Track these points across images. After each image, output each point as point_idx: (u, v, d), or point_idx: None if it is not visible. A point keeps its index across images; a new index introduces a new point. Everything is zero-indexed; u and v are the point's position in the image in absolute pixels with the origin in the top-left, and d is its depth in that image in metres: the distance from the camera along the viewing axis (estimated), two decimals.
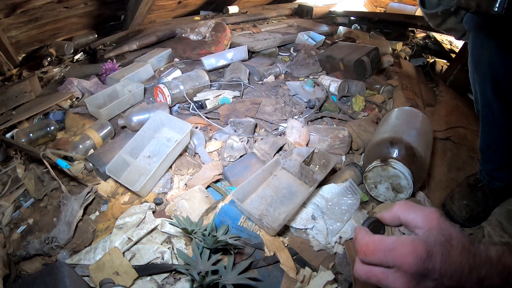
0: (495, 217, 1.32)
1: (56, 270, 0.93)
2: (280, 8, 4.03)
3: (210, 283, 0.91)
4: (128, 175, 1.38)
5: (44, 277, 0.91)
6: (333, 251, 1.14)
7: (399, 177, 1.24)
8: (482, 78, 1.14)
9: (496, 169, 1.31)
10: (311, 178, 1.27)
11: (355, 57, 2.13)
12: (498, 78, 1.08)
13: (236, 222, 1.15)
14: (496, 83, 1.09)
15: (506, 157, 1.26)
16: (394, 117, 1.51)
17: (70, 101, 1.99)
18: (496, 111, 1.16)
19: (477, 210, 1.32)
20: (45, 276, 0.91)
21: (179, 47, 2.53)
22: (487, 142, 1.28)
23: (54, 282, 0.88)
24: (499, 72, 1.07)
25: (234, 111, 1.74)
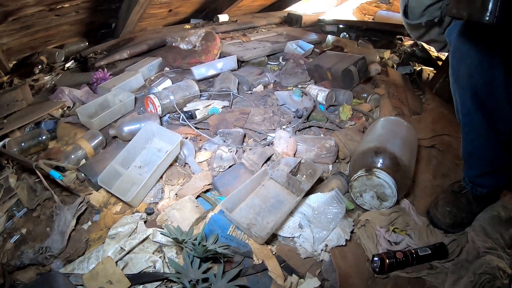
0: (479, 222, 1.35)
1: (51, 279, 0.96)
2: (270, 16, 4.06)
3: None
4: (119, 185, 1.40)
5: (40, 286, 0.94)
6: (320, 258, 1.18)
7: (383, 186, 1.28)
8: (461, 89, 1.17)
9: (479, 176, 1.34)
10: (298, 188, 1.31)
11: (343, 66, 2.17)
12: (477, 90, 1.11)
13: (225, 231, 1.19)
14: (475, 94, 1.12)
15: (487, 164, 1.29)
16: (379, 126, 1.55)
17: (62, 110, 2.00)
18: (476, 121, 1.18)
19: (461, 216, 1.35)
20: (41, 285, 0.94)
21: (170, 56, 2.56)
22: (469, 150, 1.30)
23: None
24: (477, 84, 1.10)
25: (223, 121, 1.77)
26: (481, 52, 1.06)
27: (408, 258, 1.19)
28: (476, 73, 1.09)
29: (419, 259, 1.20)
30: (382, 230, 1.30)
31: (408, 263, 1.19)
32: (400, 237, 1.31)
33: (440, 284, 1.18)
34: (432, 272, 1.22)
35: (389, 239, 1.29)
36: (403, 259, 1.18)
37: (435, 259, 1.24)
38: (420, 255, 1.20)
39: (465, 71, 1.12)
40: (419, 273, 1.21)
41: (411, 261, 1.19)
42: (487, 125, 1.17)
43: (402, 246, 1.28)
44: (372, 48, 3.04)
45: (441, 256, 1.24)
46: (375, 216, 1.34)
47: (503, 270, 1.14)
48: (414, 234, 1.32)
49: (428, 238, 1.31)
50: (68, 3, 2.46)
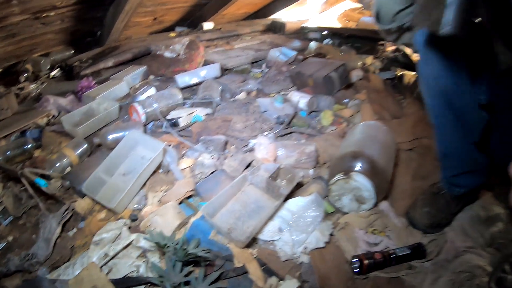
0: (458, 222, 1.37)
1: (37, 285, 0.99)
2: (254, 24, 4.11)
3: None
4: (104, 192, 1.44)
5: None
6: (299, 261, 1.21)
7: (361, 189, 1.32)
8: (430, 92, 1.20)
9: (455, 176, 1.36)
10: (277, 193, 1.35)
11: (324, 73, 2.21)
12: (445, 92, 1.15)
13: (207, 235, 1.23)
14: (443, 96, 1.16)
15: (462, 164, 1.31)
16: (358, 132, 1.60)
17: (47, 119, 2.02)
18: (447, 122, 1.21)
19: (439, 217, 1.37)
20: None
21: (154, 65, 2.60)
22: (443, 151, 1.33)
23: None
24: (444, 86, 1.14)
25: (206, 129, 1.81)
26: (446, 57, 1.10)
27: (386, 258, 1.21)
28: (442, 76, 1.13)
29: (397, 260, 1.22)
30: (361, 232, 1.33)
31: (386, 264, 1.21)
32: (379, 238, 1.33)
33: (419, 283, 1.19)
34: (411, 272, 1.23)
35: (368, 241, 1.31)
36: (382, 259, 1.20)
37: (414, 259, 1.25)
38: (398, 255, 1.22)
39: (432, 75, 1.16)
40: (398, 273, 1.22)
41: (389, 262, 1.21)
42: (457, 125, 1.20)
43: (381, 247, 1.30)
44: (354, 54, 3.09)
45: (420, 256, 1.26)
46: (354, 219, 1.37)
47: (482, 268, 1.16)
48: (393, 235, 1.35)
49: (407, 239, 1.33)
50: (54, 11, 2.48)
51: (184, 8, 3.59)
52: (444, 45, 1.08)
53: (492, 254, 1.23)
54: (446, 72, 1.11)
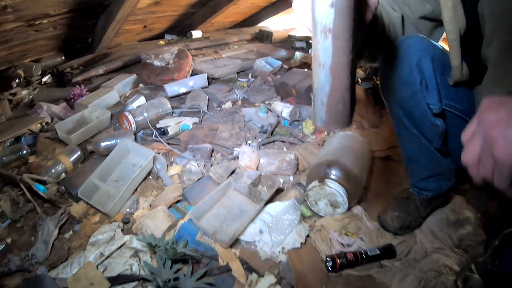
0: (427, 225, 1.46)
1: (40, 281, 1.08)
2: (242, 32, 4.19)
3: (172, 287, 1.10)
4: (98, 197, 1.53)
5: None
6: (278, 259, 1.31)
7: (335, 195, 1.42)
8: (390, 102, 1.28)
9: (421, 180, 1.41)
10: (258, 198, 1.46)
11: (307, 83, 2.33)
12: (403, 102, 1.22)
13: (194, 237, 1.34)
14: (401, 106, 1.23)
15: (427, 169, 1.37)
16: (335, 142, 1.70)
17: (40, 125, 2.09)
18: (407, 129, 1.27)
19: (408, 220, 1.45)
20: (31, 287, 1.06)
21: (144, 73, 2.68)
22: (407, 157, 1.41)
23: None
24: (402, 97, 1.21)
25: (193, 137, 1.91)
26: (401, 71, 1.17)
27: (358, 258, 1.30)
28: (399, 88, 1.20)
29: (368, 259, 1.31)
30: (336, 234, 1.43)
31: (358, 263, 1.30)
32: (352, 240, 1.42)
33: (389, 281, 1.26)
34: (382, 270, 1.31)
35: (342, 242, 1.41)
36: (353, 259, 1.29)
37: (384, 258, 1.33)
38: (369, 255, 1.31)
39: (390, 87, 1.24)
40: (369, 271, 1.29)
41: (361, 261, 1.30)
42: (416, 133, 1.26)
43: (354, 248, 1.39)
44: None
45: (390, 255, 1.33)
46: (329, 222, 1.46)
47: (449, 267, 1.25)
48: (365, 237, 1.44)
49: (378, 240, 1.42)
50: (47, 19, 2.54)
51: (174, 17, 3.67)
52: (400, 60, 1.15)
53: (459, 255, 1.32)
54: (402, 84, 1.19)
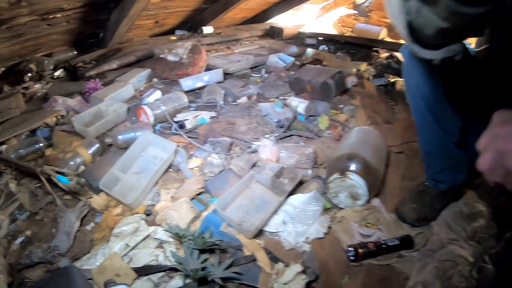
0: (443, 217, 1.49)
1: (68, 272, 1.08)
2: (253, 29, 4.19)
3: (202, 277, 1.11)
4: (119, 189, 1.54)
5: (57, 278, 1.06)
6: (302, 249, 1.33)
7: (355, 187, 1.45)
8: (413, 96, 1.33)
9: (437, 172, 1.46)
10: (281, 189, 1.48)
11: (321, 79, 2.33)
12: (425, 97, 1.26)
13: (218, 228, 1.35)
14: (424, 100, 1.27)
15: (443, 161, 1.41)
16: (352, 135, 1.73)
17: (56, 119, 2.08)
18: (428, 122, 1.32)
19: (425, 212, 1.49)
20: (58, 278, 1.06)
21: (158, 68, 2.68)
22: (425, 150, 1.45)
23: (66, 282, 1.03)
24: (425, 92, 1.25)
25: (211, 131, 1.92)
26: (425, 68, 1.21)
27: (378, 248, 1.33)
28: (422, 83, 1.24)
29: (388, 249, 1.35)
30: (356, 225, 1.45)
31: (378, 253, 1.33)
32: (372, 231, 1.45)
33: (408, 270, 1.31)
34: (401, 260, 1.35)
35: (362, 233, 1.44)
36: (374, 248, 1.32)
37: (403, 249, 1.37)
38: (389, 245, 1.35)
39: (414, 82, 1.28)
40: (389, 261, 1.34)
41: (381, 251, 1.34)
42: (436, 126, 1.30)
43: (374, 239, 1.41)
44: (349, 61, 3.18)
45: (408, 246, 1.38)
46: (349, 213, 1.49)
47: (464, 258, 1.27)
48: (384, 228, 1.47)
49: (396, 231, 1.45)
50: (60, 13, 2.53)
51: (185, 12, 3.66)
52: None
53: (473, 247, 1.34)
54: (425, 80, 1.23)
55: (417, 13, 0.76)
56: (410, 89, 1.33)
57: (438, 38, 0.82)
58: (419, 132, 1.42)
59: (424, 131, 1.39)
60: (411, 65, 1.27)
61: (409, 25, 0.82)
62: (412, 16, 0.78)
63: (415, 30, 0.84)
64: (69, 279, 1.04)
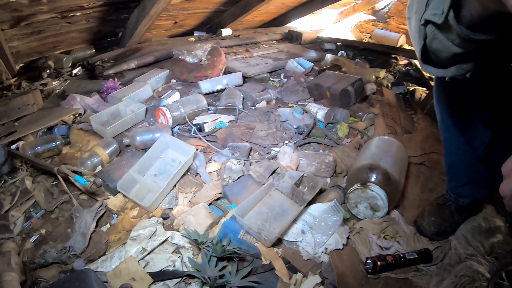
0: (461, 232, 1.48)
1: (84, 275, 1.06)
2: (271, 32, 4.18)
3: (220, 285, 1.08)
4: (137, 191, 1.52)
5: (73, 281, 1.04)
6: (320, 260, 1.31)
7: (376, 198, 1.43)
8: (442, 109, 1.31)
9: (459, 186, 1.46)
10: (301, 198, 1.45)
11: (341, 86, 2.31)
12: (455, 111, 1.26)
13: (236, 235, 1.32)
14: (453, 114, 1.27)
15: (466, 175, 1.41)
16: (373, 145, 1.70)
17: (73, 117, 2.08)
18: (455, 136, 1.32)
19: (444, 226, 1.48)
20: (74, 281, 1.04)
21: (177, 69, 2.67)
22: (450, 163, 1.44)
23: (83, 286, 1.02)
24: (455, 106, 1.25)
25: (230, 135, 1.90)
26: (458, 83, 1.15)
27: (397, 261, 1.31)
28: (453, 98, 1.23)
29: (406, 262, 1.33)
30: (374, 236, 1.43)
31: (397, 266, 1.31)
32: (390, 243, 1.43)
33: (425, 284, 1.30)
34: (418, 274, 1.34)
35: (380, 245, 1.42)
36: (393, 261, 1.30)
37: (421, 263, 1.36)
38: (407, 258, 1.33)
39: (445, 96, 1.27)
40: (407, 274, 1.33)
41: (399, 264, 1.32)
42: (464, 140, 1.30)
43: (392, 251, 1.40)
44: (368, 68, 3.17)
45: (426, 260, 1.37)
46: (368, 225, 1.47)
47: (482, 274, 1.26)
48: (402, 241, 1.45)
49: (415, 245, 1.44)
50: (80, 11, 2.55)
51: (204, 14, 3.67)
52: None
53: (491, 263, 1.34)
54: (457, 95, 1.21)
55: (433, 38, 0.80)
56: (440, 101, 1.31)
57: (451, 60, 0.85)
58: (445, 145, 1.41)
59: (450, 144, 1.39)
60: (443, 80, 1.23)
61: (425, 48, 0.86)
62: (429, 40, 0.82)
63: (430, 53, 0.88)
64: (85, 283, 1.03)
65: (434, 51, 0.87)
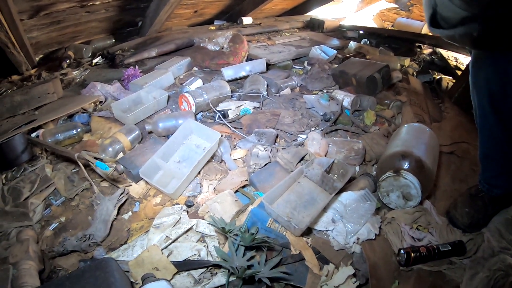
0: (494, 224, 1.41)
1: (105, 264, 1.01)
2: (293, 20, 4.11)
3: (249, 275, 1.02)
4: (160, 178, 1.47)
5: (93, 271, 0.99)
6: (351, 250, 1.26)
7: (409, 187, 1.37)
8: (479, 93, 1.25)
9: (493, 176, 1.41)
10: (331, 186, 1.39)
11: (367, 73, 2.24)
12: (493, 94, 1.19)
13: (264, 223, 1.26)
14: (491, 98, 1.20)
15: (502, 165, 1.36)
16: (404, 132, 1.64)
17: (94, 105, 2.06)
18: (492, 123, 1.26)
19: (477, 217, 1.42)
20: (94, 270, 0.99)
21: (198, 56, 2.62)
22: (485, 152, 1.39)
23: (104, 275, 0.96)
24: (493, 88, 1.18)
25: (255, 121, 1.84)
26: (497, 61, 1.14)
27: (430, 252, 1.26)
28: (492, 79, 1.17)
29: (440, 254, 1.28)
30: (407, 227, 1.38)
31: (430, 258, 1.27)
32: (423, 234, 1.38)
33: (458, 278, 1.26)
34: (452, 267, 1.30)
35: (412, 236, 1.37)
36: (426, 253, 1.26)
37: (454, 255, 1.31)
38: (441, 250, 1.28)
39: (483, 77, 1.21)
40: (440, 267, 1.29)
41: (433, 256, 1.27)
42: (501, 128, 1.25)
43: (425, 243, 1.35)
44: (393, 56, 3.10)
45: (460, 252, 1.32)
46: (400, 215, 1.41)
47: None
48: (435, 232, 1.40)
49: (447, 236, 1.39)
50: (100, 0, 2.53)
51: (225, 2, 3.62)
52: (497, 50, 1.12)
53: None
54: (497, 75, 1.15)
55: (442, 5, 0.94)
56: (477, 84, 1.26)
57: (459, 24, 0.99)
58: (480, 133, 1.36)
59: (486, 132, 1.34)
60: (481, 60, 1.21)
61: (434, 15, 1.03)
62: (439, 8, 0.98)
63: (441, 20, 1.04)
64: (106, 272, 0.98)
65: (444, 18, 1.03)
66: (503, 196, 1.44)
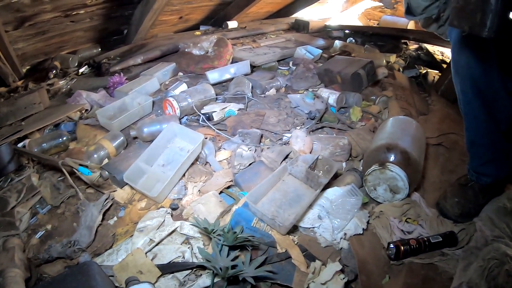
0: (486, 213, 1.40)
1: (87, 268, 1.00)
2: (278, 23, 4.12)
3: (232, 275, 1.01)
4: (144, 182, 1.46)
5: (75, 275, 0.98)
6: (339, 246, 1.25)
7: (396, 179, 1.36)
8: (462, 79, 1.25)
9: (481, 164, 1.41)
10: (316, 182, 1.39)
11: (352, 70, 2.24)
12: (475, 79, 1.18)
13: (249, 223, 1.26)
14: (474, 83, 1.20)
15: (489, 152, 1.36)
16: (390, 125, 1.64)
17: (80, 113, 2.05)
18: (476, 109, 1.25)
19: (468, 207, 1.41)
20: (76, 274, 0.98)
21: (183, 62, 2.62)
22: (472, 139, 1.38)
23: (85, 279, 0.95)
24: (476, 74, 1.18)
25: (240, 123, 1.84)
26: (477, 46, 1.14)
27: (421, 245, 1.25)
28: (473, 64, 1.17)
29: (431, 246, 1.26)
30: (396, 220, 1.37)
31: (421, 250, 1.25)
32: (413, 227, 1.37)
33: (451, 269, 1.24)
34: (444, 258, 1.28)
35: (402, 229, 1.36)
36: (417, 246, 1.24)
37: (446, 246, 1.30)
38: (432, 242, 1.27)
39: (464, 63, 1.20)
40: (432, 259, 1.27)
41: (423, 248, 1.25)
42: (486, 113, 1.24)
43: (415, 235, 1.34)
44: (378, 53, 3.11)
45: (452, 243, 1.31)
46: (388, 208, 1.41)
47: (510, 256, 1.18)
48: (425, 224, 1.39)
49: (438, 228, 1.37)
50: (83, 9, 2.53)
51: (209, 7, 3.63)
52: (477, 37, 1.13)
53: None
54: (478, 60, 1.15)
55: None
56: (458, 70, 1.25)
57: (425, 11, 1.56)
58: (465, 120, 1.35)
59: (471, 119, 1.32)
60: (462, 45, 1.20)
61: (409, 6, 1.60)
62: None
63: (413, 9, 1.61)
64: (88, 276, 0.97)
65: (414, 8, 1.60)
66: (493, 184, 1.44)
